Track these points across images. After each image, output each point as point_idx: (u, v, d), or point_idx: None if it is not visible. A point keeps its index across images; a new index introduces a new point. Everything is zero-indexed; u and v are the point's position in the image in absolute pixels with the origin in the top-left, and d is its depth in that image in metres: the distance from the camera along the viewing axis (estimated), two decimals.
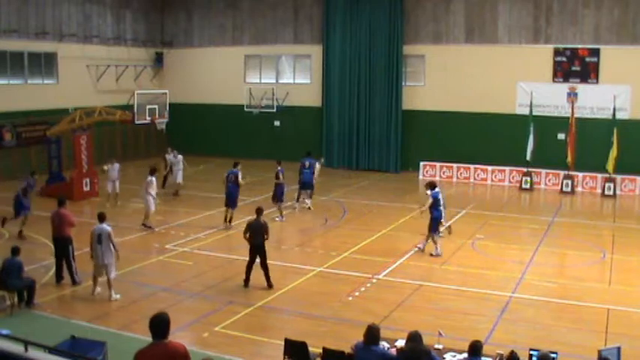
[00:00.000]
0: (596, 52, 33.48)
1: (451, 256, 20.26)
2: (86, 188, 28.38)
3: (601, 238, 23.04)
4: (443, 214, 20.96)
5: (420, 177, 35.09)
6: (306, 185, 26.87)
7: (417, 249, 20.63)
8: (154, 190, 23.18)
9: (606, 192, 31.66)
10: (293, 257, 19.51)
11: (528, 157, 32.41)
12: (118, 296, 15.95)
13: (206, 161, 38.45)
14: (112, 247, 16.08)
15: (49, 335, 10.89)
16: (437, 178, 34.73)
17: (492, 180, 34.49)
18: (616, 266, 19.66)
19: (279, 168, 25.14)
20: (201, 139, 41.70)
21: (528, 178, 32.87)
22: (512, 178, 33.90)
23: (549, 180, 33.22)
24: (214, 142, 41.42)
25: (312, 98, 39.61)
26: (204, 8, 42.04)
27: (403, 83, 37.46)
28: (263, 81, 41.16)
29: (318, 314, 15.06)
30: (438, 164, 35.65)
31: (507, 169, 34.19)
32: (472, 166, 34.83)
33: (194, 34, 42.61)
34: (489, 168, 34.33)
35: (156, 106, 31.19)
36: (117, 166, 27.09)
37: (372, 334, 9.75)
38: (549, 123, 33.71)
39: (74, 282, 16.80)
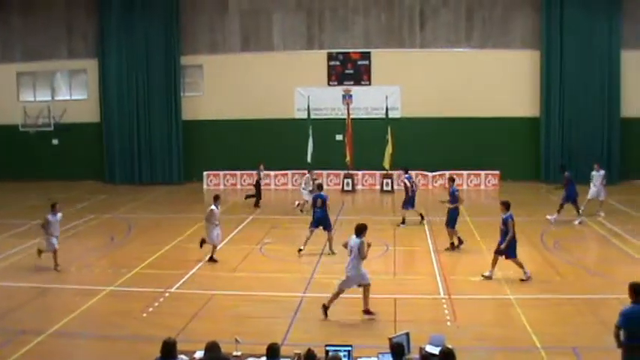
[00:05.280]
0: (367, 56, 35.15)
1: (240, 263, 20.30)
2: None
3: (383, 232, 23.99)
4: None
5: (205, 187, 34.97)
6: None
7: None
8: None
9: (385, 188, 33.29)
10: (81, 278, 18.66)
11: (309, 160, 33.19)
12: None
13: None
14: None
15: None
16: (221, 187, 34.90)
17: (276, 184, 35.09)
18: (399, 257, 20.71)
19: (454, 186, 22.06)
20: None
21: None
22: (295, 181, 34.56)
23: (330, 180, 34.28)
24: None
25: (90, 114, 38.22)
26: None
27: (182, 94, 37.26)
28: (38, 99, 39.17)
29: (113, 334, 14.47)
30: (221, 173, 35.79)
31: (290, 172, 34.90)
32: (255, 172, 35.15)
33: None
34: (272, 173, 34.82)
35: None
36: None
37: (168, 349, 9.63)
38: (327, 125, 34.90)
39: None
